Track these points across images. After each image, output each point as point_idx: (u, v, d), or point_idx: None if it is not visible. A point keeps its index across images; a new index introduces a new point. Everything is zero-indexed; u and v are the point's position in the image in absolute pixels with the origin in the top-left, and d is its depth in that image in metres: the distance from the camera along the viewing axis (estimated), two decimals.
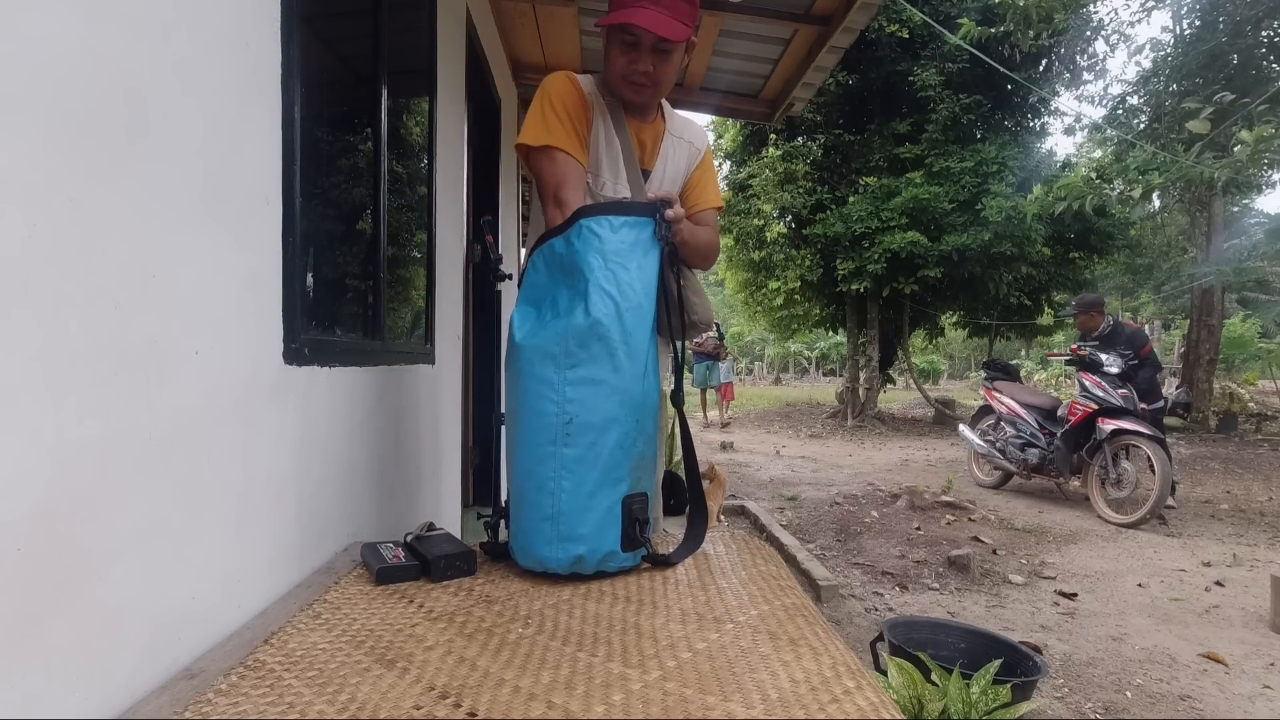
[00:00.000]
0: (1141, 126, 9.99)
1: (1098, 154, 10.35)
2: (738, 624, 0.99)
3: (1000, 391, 6.02)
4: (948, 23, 8.73)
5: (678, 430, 1.41)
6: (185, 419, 0.89)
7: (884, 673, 1.86)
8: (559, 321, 1.24)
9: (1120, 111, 10.55)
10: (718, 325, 10.37)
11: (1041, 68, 10.62)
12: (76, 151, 0.71)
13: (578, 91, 1.46)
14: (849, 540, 4.27)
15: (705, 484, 3.95)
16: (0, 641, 0.62)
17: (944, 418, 11.52)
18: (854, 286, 10.43)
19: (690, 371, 10.62)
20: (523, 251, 2.46)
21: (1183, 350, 12.46)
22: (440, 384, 2.34)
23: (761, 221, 11.42)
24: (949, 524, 4.64)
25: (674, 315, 1.30)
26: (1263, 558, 4.01)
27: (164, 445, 0.85)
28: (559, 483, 1.19)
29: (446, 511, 2.38)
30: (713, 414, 11.46)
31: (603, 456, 1.20)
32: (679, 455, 2.02)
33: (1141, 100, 10.30)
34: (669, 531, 1.35)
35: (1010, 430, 5.73)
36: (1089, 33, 10.11)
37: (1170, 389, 11.52)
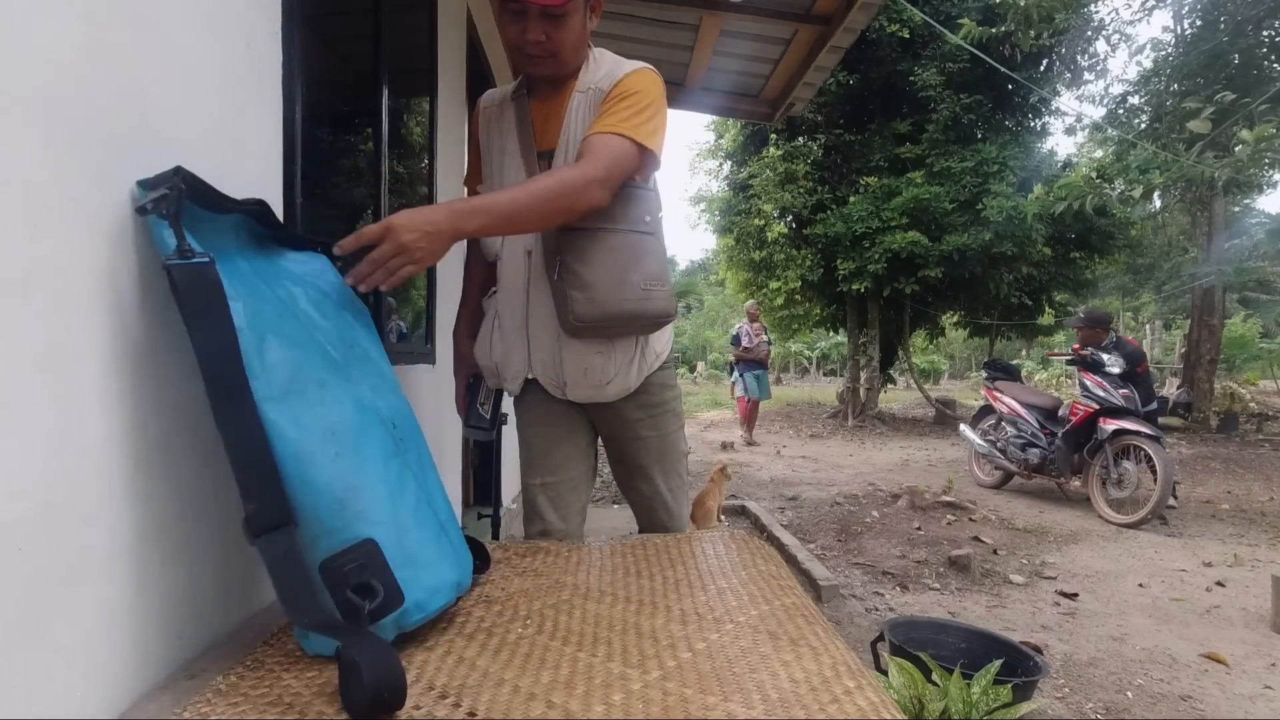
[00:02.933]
0: (1142, 126, 9.99)
1: (1098, 154, 10.36)
2: (738, 624, 0.99)
3: (1001, 391, 6.02)
4: (948, 23, 8.73)
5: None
6: (186, 419, 0.89)
7: (884, 673, 1.86)
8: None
9: (1121, 111, 10.54)
10: (765, 328, 9.73)
11: (1042, 68, 10.61)
12: (78, 151, 0.71)
13: (478, 112, 1.47)
14: (849, 540, 4.27)
15: (708, 483, 3.92)
16: (0, 641, 0.62)
17: (945, 418, 11.51)
18: (854, 286, 10.42)
19: (737, 380, 8.97)
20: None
21: (1183, 350, 12.45)
22: (440, 384, 2.34)
23: (762, 221, 11.42)
24: (950, 524, 4.64)
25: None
26: (1264, 558, 4.01)
27: (164, 445, 0.85)
28: None
29: None
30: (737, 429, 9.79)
31: None
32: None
33: (1142, 100, 10.30)
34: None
35: (1011, 430, 5.72)
36: (1090, 32, 10.11)
37: (1171, 389, 11.51)
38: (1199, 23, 9.34)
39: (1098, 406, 5.02)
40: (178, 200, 0.77)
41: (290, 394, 0.84)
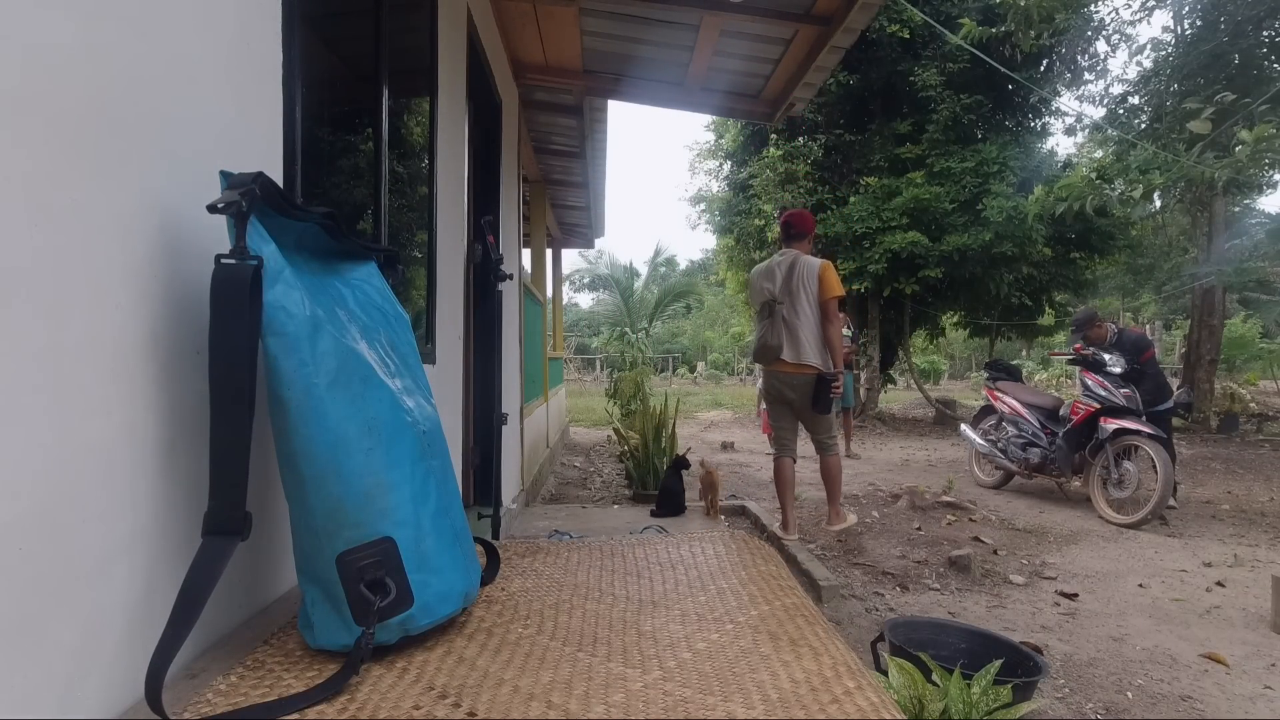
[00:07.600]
0: (1142, 126, 9.98)
1: (1099, 154, 10.35)
2: (738, 624, 0.99)
3: (1003, 391, 6.02)
4: (949, 23, 8.73)
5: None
6: (187, 418, 0.89)
7: (884, 673, 1.86)
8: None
9: (1121, 111, 10.53)
10: (849, 322, 8.06)
11: (1042, 68, 10.62)
12: (79, 152, 0.71)
13: None
14: (849, 540, 4.26)
15: (694, 472, 3.96)
16: (0, 641, 0.62)
17: (945, 418, 11.51)
18: (855, 287, 10.42)
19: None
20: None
21: (1184, 350, 12.45)
22: (440, 384, 2.34)
23: (762, 222, 11.42)
24: (950, 524, 4.64)
25: None
26: (1264, 558, 4.00)
27: (165, 445, 0.85)
28: None
29: None
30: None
31: None
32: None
33: (1142, 100, 10.29)
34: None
35: (1012, 430, 5.72)
36: (1090, 32, 10.11)
37: (1172, 389, 11.47)
38: (1199, 23, 9.33)
39: (1099, 406, 5.02)
40: (248, 206, 0.79)
41: (336, 384, 0.85)
